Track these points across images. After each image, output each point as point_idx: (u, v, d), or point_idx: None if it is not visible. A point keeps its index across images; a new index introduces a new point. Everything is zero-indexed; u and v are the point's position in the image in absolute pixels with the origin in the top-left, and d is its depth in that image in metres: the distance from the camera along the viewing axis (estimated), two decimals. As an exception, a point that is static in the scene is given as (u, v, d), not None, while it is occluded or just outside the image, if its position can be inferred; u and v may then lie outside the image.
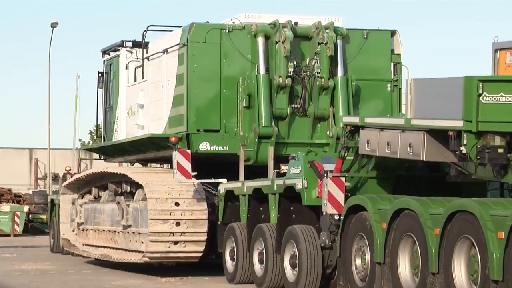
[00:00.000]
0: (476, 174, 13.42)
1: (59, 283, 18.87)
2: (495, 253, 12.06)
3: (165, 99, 20.76)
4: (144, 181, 20.06)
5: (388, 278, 14.34)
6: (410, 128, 13.99)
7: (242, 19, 20.08)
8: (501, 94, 12.58)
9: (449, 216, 12.99)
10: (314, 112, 19.86)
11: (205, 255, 19.82)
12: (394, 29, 20.58)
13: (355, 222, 15.17)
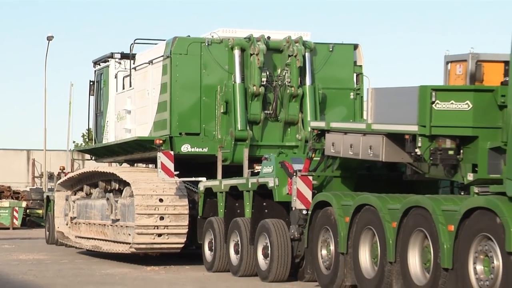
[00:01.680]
0: (429, 173, 13.45)
1: (53, 272, 18.80)
2: (446, 244, 12.18)
3: (150, 105, 20.72)
4: (131, 179, 20.03)
5: (351, 266, 14.42)
6: (371, 132, 14.02)
7: (220, 34, 20.09)
8: (451, 101, 12.61)
9: (405, 211, 13.09)
10: (285, 117, 19.86)
11: (186, 246, 19.80)
12: (356, 43, 20.64)
13: (321, 217, 15.21)
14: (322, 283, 15.11)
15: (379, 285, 13.65)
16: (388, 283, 13.47)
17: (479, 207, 11.72)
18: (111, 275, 17.98)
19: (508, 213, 11.18)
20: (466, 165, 12.71)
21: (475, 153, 12.57)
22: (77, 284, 16.44)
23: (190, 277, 17.57)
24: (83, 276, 17.82)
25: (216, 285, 16.00)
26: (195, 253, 19.81)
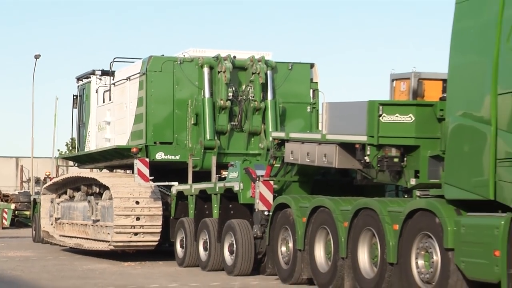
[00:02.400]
0: (377, 178, 13.50)
1: (39, 267, 18.74)
2: (391, 242, 12.28)
3: (128, 117, 20.70)
4: (110, 183, 20.01)
5: (307, 262, 14.46)
6: (325, 141, 14.06)
7: (191, 53, 20.12)
8: (396, 114, 12.67)
9: (356, 212, 13.18)
10: (249, 128, 19.89)
11: (160, 244, 19.77)
12: (313, 62, 20.69)
13: (281, 217, 15.24)
14: (281, 277, 15.14)
15: (332, 278, 13.72)
16: (340, 276, 13.54)
17: (420, 208, 11.84)
18: (92, 270, 17.94)
19: (446, 214, 11.32)
20: (409, 171, 12.77)
21: (417, 161, 12.63)
22: (60, 278, 16.39)
23: (163, 272, 17.57)
24: (66, 271, 17.77)
25: (186, 279, 16.01)
26: (168, 250, 19.80)
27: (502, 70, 10.53)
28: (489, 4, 10.85)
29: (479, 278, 10.93)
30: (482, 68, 10.83)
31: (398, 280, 12.27)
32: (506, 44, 10.49)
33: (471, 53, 11.17)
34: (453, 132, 11.40)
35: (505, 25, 10.53)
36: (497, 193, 10.58)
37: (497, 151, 10.57)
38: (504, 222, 10.35)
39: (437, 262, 11.50)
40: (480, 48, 10.93)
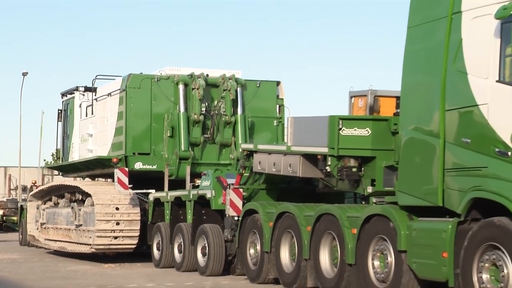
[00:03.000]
0: (337, 186, 13.54)
1: (25, 268, 18.64)
2: (350, 244, 12.34)
3: (108, 130, 20.63)
4: (92, 191, 19.96)
5: (273, 263, 14.47)
6: (290, 152, 14.09)
7: (168, 71, 20.10)
8: (355, 128, 12.73)
9: (318, 217, 13.21)
10: (220, 140, 19.90)
11: (138, 246, 19.71)
12: (279, 80, 20.76)
13: (250, 222, 15.24)
14: (250, 277, 15.15)
15: (296, 278, 13.74)
16: (304, 276, 13.57)
17: (376, 214, 11.92)
18: (75, 271, 17.88)
19: (400, 219, 11.41)
20: (366, 180, 12.84)
21: (373, 170, 12.70)
22: (45, 279, 16.33)
23: (141, 272, 17.55)
24: (50, 272, 17.69)
25: (162, 279, 16.00)
26: (145, 253, 19.75)
27: (449, 89, 10.65)
28: (437, 29, 10.96)
29: (429, 277, 11.02)
30: (432, 86, 10.93)
31: (356, 279, 12.34)
32: (452, 66, 10.62)
33: (422, 73, 11.27)
34: (405, 144, 11.48)
35: (451, 48, 10.65)
36: (445, 200, 10.69)
37: (445, 161, 10.67)
38: (451, 226, 10.45)
39: (391, 263, 11.57)
40: (430, 68, 11.04)
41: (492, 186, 9.91)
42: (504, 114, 9.78)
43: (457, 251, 10.35)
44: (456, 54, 10.55)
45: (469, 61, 10.35)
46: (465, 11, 10.54)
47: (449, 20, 10.73)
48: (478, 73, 10.20)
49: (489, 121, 9.96)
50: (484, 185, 10.04)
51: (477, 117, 10.13)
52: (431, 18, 11.10)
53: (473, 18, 10.38)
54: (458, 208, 10.42)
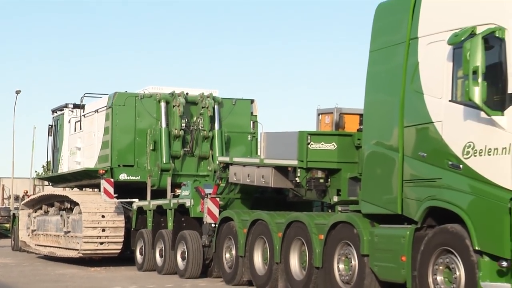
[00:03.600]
0: (306, 196, 13.62)
1: (17, 272, 18.51)
2: (317, 249, 12.37)
3: (95, 144, 20.55)
4: (80, 200, 19.87)
5: (247, 266, 14.48)
6: (263, 165, 14.13)
7: (150, 90, 20.06)
8: (322, 143, 12.82)
9: (288, 224, 13.22)
10: (199, 153, 19.85)
11: (122, 251, 19.62)
12: (253, 98, 20.73)
13: (226, 229, 15.24)
14: (225, 279, 15.15)
15: (268, 280, 13.76)
16: (275, 278, 13.59)
17: (341, 221, 11.96)
18: (63, 275, 17.80)
19: (362, 226, 11.47)
20: (332, 190, 12.91)
21: (339, 181, 12.77)
22: (36, 282, 16.23)
23: (125, 275, 17.50)
24: (41, 276, 17.59)
25: (144, 282, 15.98)
26: (129, 257, 19.69)
27: (407, 107, 10.72)
28: (396, 53, 11.05)
29: (389, 279, 11.08)
30: (391, 105, 11.00)
31: (323, 281, 12.37)
32: (410, 86, 10.70)
33: (382, 93, 11.33)
34: (368, 157, 11.52)
35: (409, 71, 10.74)
36: (404, 208, 10.73)
37: (403, 173, 10.71)
38: (409, 233, 10.51)
39: (355, 266, 11.62)
40: (390, 89, 11.11)
41: (445, 196, 9.97)
42: (456, 131, 9.87)
43: (414, 255, 10.40)
44: (413, 75, 10.64)
45: (425, 82, 10.43)
46: (421, 37, 10.63)
47: (407, 45, 10.82)
48: (433, 93, 10.28)
49: (443, 137, 10.03)
50: (438, 195, 10.09)
51: (432, 133, 10.20)
52: (390, 43, 11.19)
53: (428, 44, 10.47)
54: (415, 216, 10.48)
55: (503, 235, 9.14)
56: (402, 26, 10.94)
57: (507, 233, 9.11)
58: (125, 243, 19.43)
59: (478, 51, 9.20)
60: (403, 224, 10.81)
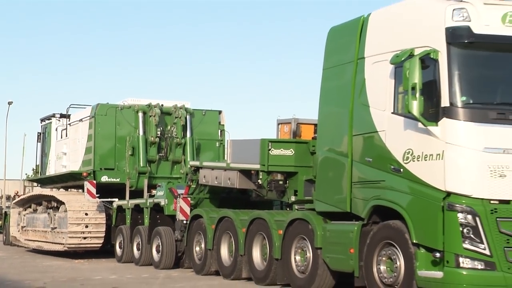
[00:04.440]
0: (267, 196, 13.61)
1: (8, 264, 18.29)
2: (277, 243, 12.39)
3: (80, 149, 20.38)
4: (65, 199, 19.70)
5: (215, 258, 14.42)
6: (229, 168, 14.15)
7: (129, 101, 19.95)
8: (281, 149, 12.87)
9: (251, 221, 13.23)
10: (172, 158, 19.75)
11: (103, 245, 19.46)
12: (220, 109, 20.65)
13: (196, 225, 15.18)
14: (195, 270, 15.11)
15: (233, 270, 13.74)
16: (239, 268, 13.59)
17: (298, 218, 12.00)
18: (50, 266, 17.65)
19: (316, 222, 11.52)
20: (290, 190, 12.95)
21: (296, 183, 12.82)
22: (25, 272, 16.05)
23: (106, 267, 17.38)
24: (29, 267, 17.40)
25: (123, 272, 15.90)
26: (110, 250, 19.54)
27: (356, 118, 10.80)
28: (346, 71, 11.12)
29: (339, 269, 11.16)
30: (342, 116, 11.05)
31: (281, 271, 12.42)
32: (358, 100, 10.78)
33: (334, 106, 11.37)
34: (321, 162, 11.57)
35: (357, 86, 10.83)
36: (352, 207, 10.79)
37: (352, 176, 10.78)
38: (357, 228, 10.60)
39: (310, 257, 11.68)
40: (340, 102, 11.16)
41: (388, 196, 10.05)
42: (397, 139, 9.96)
43: (361, 248, 10.48)
44: (361, 91, 10.71)
45: (371, 96, 10.50)
46: (367, 57, 10.72)
47: (355, 64, 10.89)
48: (377, 106, 10.36)
49: (386, 144, 10.10)
50: (382, 195, 10.17)
51: (377, 141, 10.28)
52: (341, 62, 11.26)
53: (374, 63, 10.56)
54: (362, 214, 10.55)
55: (437, 230, 9.26)
56: (351, 48, 11.02)
57: (440, 228, 9.23)
58: (106, 238, 19.28)
59: (416, 70, 9.30)
60: (351, 220, 10.84)
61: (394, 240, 9.94)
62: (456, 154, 9.22)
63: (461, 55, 9.34)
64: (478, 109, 9.29)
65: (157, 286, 13.11)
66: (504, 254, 9.14)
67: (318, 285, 11.62)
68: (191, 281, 13.96)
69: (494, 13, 9.47)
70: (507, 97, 9.65)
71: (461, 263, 9.08)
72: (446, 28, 9.39)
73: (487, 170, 9.18)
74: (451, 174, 9.21)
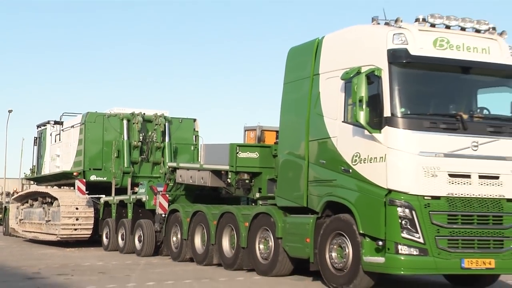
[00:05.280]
0: (235, 193, 13.55)
1: (7, 252, 18.00)
2: (243, 233, 12.36)
3: (71, 152, 20.20)
4: (58, 196, 19.55)
5: (190, 247, 14.35)
6: (202, 169, 14.10)
7: (115, 110, 19.84)
8: (247, 152, 12.86)
9: (221, 214, 13.17)
10: (153, 160, 19.61)
11: (92, 236, 19.32)
12: (195, 118, 20.57)
13: (173, 218, 15.11)
14: (172, 257, 15.02)
15: (205, 257, 13.69)
16: (211, 256, 13.54)
17: (262, 212, 12.03)
18: (45, 254, 17.45)
19: (277, 215, 11.55)
20: (255, 188, 12.94)
21: (260, 182, 12.82)
22: (22, 260, 15.81)
23: (94, 254, 17.24)
24: (26, 255, 17.17)
25: (109, 259, 15.76)
26: (97, 240, 19.38)
27: (311, 126, 10.83)
28: (303, 85, 11.16)
29: (297, 255, 11.19)
30: (300, 124, 11.08)
31: (247, 258, 12.41)
32: (313, 110, 10.81)
33: (293, 115, 11.38)
34: (282, 164, 11.58)
35: (313, 99, 10.86)
36: (308, 202, 10.83)
37: (308, 176, 10.82)
38: (312, 221, 10.65)
39: (272, 246, 11.70)
40: (298, 112, 11.19)
41: (339, 193, 10.11)
42: (347, 144, 10.03)
43: (316, 237, 10.52)
44: (316, 102, 10.75)
45: (324, 107, 10.55)
46: (321, 73, 10.77)
47: (311, 80, 10.93)
48: (330, 115, 10.42)
49: (337, 148, 10.17)
50: (334, 192, 10.22)
51: (330, 145, 10.33)
52: (299, 78, 11.29)
53: (327, 79, 10.61)
54: (317, 208, 10.60)
55: (380, 222, 9.36)
56: (307, 65, 11.07)
57: (382, 220, 9.34)
58: (94, 229, 19.14)
59: (362, 85, 9.41)
60: (307, 214, 10.87)
61: (344, 231, 10.02)
62: (396, 157, 9.32)
63: (400, 73, 9.46)
64: (414, 119, 9.41)
65: (139, 271, 13.05)
66: (435, 242, 9.27)
67: (279, 270, 11.65)
68: (168, 267, 13.91)
69: (427, 38, 9.64)
70: (438, 109, 9.80)
71: (400, 250, 9.18)
72: (388, 50, 9.51)
73: (421, 171, 9.30)
74: (392, 174, 9.31)
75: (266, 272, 11.82)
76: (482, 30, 9.96)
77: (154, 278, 11.66)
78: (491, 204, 9.52)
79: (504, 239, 9.54)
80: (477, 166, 9.45)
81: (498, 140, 9.60)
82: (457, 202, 9.38)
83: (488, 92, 10.10)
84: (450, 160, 9.37)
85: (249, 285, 10.99)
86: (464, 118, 9.51)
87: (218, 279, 11.62)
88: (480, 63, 9.71)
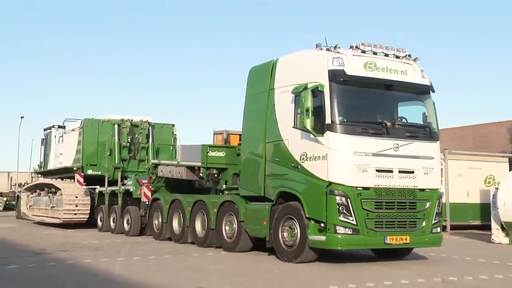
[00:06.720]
0: (206, 185, 13.38)
1: (19, 232, 17.46)
2: (212, 218, 12.27)
3: (72, 151, 19.79)
4: (61, 186, 19.09)
5: (169, 228, 14.13)
6: (179, 165, 13.92)
7: (108, 117, 19.55)
8: (216, 152, 12.77)
9: (195, 202, 13.06)
10: (139, 158, 19.35)
11: (88, 219, 18.93)
12: (174, 123, 20.34)
13: (155, 205, 14.91)
14: (155, 237, 14.75)
15: (182, 236, 13.51)
16: (186, 235, 13.35)
17: (228, 200, 11.93)
18: (50, 234, 16.96)
19: (240, 203, 11.48)
20: (222, 181, 12.83)
21: (227, 176, 12.72)
22: (31, 238, 15.31)
23: (90, 235, 16.82)
24: (35, 234, 16.70)
25: (103, 238, 15.41)
26: (93, 223, 19.00)
27: (268, 131, 10.81)
28: (262, 97, 11.11)
29: (256, 235, 11.13)
30: (259, 129, 11.05)
31: (216, 237, 12.28)
32: (270, 118, 10.80)
33: (253, 121, 11.33)
34: (244, 161, 11.52)
35: (269, 108, 10.84)
36: (265, 192, 10.80)
37: (265, 171, 10.79)
38: (268, 207, 10.63)
39: (235, 228, 11.63)
40: (258, 119, 11.15)
41: (290, 185, 10.13)
42: (296, 145, 10.05)
43: (271, 221, 10.51)
44: (272, 111, 10.75)
45: (279, 115, 10.56)
46: (276, 88, 10.77)
47: (267, 93, 10.93)
48: (283, 122, 10.43)
49: (288, 149, 10.19)
50: (285, 184, 10.23)
51: (282, 146, 10.34)
52: (258, 91, 11.26)
53: (281, 92, 10.62)
54: (272, 197, 10.58)
55: (322, 208, 9.43)
56: (265, 81, 11.06)
57: (324, 206, 9.41)
58: (91, 214, 18.75)
59: (308, 98, 9.52)
60: (264, 202, 10.87)
61: (293, 215, 10.03)
62: (335, 156, 9.42)
63: (338, 89, 9.58)
64: (349, 125, 9.53)
65: (127, 248, 12.80)
66: (365, 224, 9.41)
67: (241, 247, 11.58)
68: (151, 244, 13.72)
69: (359, 61, 9.85)
70: (368, 117, 9.98)
71: (337, 230, 9.29)
72: (329, 70, 9.64)
73: (355, 167, 9.43)
74: (332, 170, 9.40)
75: (230, 248, 11.75)
76: (401, 56, 10.28)
77: (139, 254, 11.53)
78: (408, 193, 9.73)
79: (417, 220, 9.77)
80: (398, 163, 9.69)
81: (413, 142, 9.84)
82: (382, 191, 9.59)
83: (406, 105, 10.39)
84: (377, 159, 9.56)
85: (217, 259, 10.87)
86: (388, 125, 9.75)
87: (191, 254, 11.53)
88: (400, 82, 10.02)
